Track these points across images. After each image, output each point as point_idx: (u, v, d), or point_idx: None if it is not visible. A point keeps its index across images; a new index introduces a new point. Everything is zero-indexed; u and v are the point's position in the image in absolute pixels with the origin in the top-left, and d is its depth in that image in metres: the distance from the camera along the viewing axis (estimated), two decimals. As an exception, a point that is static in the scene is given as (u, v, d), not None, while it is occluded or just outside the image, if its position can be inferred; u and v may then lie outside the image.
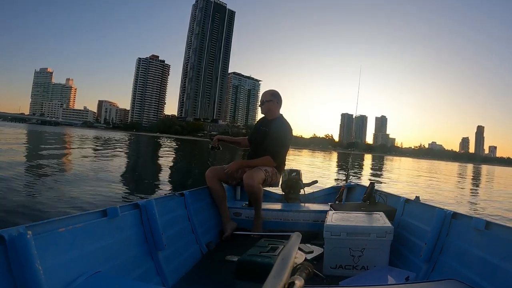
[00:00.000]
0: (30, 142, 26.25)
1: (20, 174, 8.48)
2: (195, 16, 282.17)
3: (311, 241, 3.01)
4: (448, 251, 2.20)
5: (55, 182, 7.96)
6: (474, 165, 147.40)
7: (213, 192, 3.42)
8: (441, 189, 15.41)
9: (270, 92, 3.73)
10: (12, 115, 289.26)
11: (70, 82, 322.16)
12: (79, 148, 22.18)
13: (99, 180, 8.92)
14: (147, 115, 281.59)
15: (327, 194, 4.71)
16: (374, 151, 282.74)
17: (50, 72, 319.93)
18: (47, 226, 1.47)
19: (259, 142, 3.66)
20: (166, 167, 15.98)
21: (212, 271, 2.55)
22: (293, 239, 0.90)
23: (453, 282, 1.61)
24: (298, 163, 25.04)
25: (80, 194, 6.57)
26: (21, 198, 5.68)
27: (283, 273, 0.67)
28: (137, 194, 7.52)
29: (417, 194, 3.07)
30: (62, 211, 5.14)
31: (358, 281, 2.27)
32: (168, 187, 9.31)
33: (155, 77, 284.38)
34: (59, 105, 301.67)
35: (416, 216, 2.75)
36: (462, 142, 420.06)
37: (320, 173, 18.17)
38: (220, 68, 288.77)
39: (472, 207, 10.16)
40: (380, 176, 18.72)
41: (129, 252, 1.96)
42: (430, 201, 8.17)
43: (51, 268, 1.37)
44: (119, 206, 1.96)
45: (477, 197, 13.73)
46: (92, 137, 44.01)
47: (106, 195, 6.76)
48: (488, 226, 1.94)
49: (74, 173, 9.76)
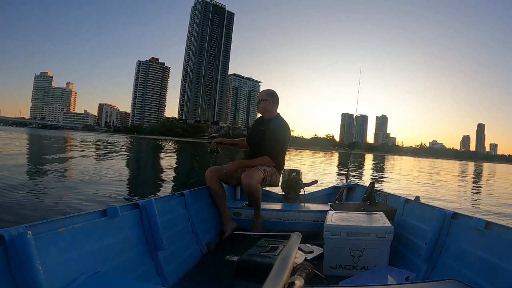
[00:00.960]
0: (32, 145, 26.54)
1: (23, 175, 8.57)
2: (194, 18, 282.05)
3: (311, 241, 3.00)
4: (448, 251, 2.20)
5: (57, 183, 8.01)
6: (475, 163, 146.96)
7: (213, 192, 3.42)
8: (447, 189, 15.28)
9: (266, 92, 3.73)
10: (13, 119, 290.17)
11: (70, 86, 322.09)
12: (81, 151, 22.21)
13: (100, 181, 8.94)
14: (148, 117, 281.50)
15: (327, 194, 4.71)
16: (375, 151, 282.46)
17: (50, 76, 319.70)
18: (47, 226, 1.47)
19: (257, 142, 3.66)
20: (170, 168, 16.10)
21: (212, 271, 2.55)
22: (293, 239, 0.91)
23: (453, 282, 1.61)
24: (301, 164, 24.98)
25: (82, 195, 6.59)
26: (22, 198, 5.69)
27: (283, 273, 0.67)
28: (142, 194, 7.57)
29: (422, 194, 3.06)
30: (66, 210, 5.17)
31: (358, 281, 2.27)
32: (170, 187, 9.34)
33: (155, 79, 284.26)
34: (60, 109, 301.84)
35: (416, 216, 2.75)
36: (463, 140, 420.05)
37: (322, 173, 18.23)
38: (220, 69, 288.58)
39: (477, 207, 10.06)
40: (381, 177, 18.60)
41: (129, 252, 1.96)
42: (432, 200, 8.18)
43: (51, 268, 1.38)
44: (119, 206, 1.96)
45: (482, 196, 13.59)
46: (93, 141, 44.06)
47: (108, 196, 6.76)
48: (488, 226, 1.94)
49: (76, 175, 9.84)
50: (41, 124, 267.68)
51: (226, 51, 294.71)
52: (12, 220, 4.31)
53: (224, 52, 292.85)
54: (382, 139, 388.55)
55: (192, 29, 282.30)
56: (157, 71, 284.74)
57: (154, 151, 32.48)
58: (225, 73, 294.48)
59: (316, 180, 4.52)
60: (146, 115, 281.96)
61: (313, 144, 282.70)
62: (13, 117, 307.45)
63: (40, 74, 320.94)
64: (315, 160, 36.01)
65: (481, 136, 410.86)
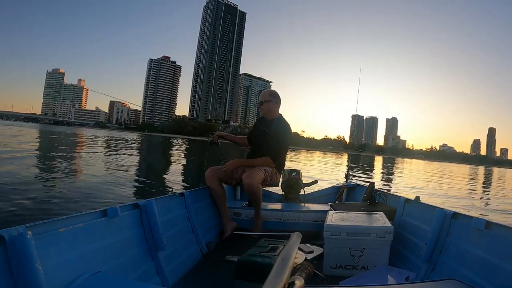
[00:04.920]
0: (49, 140, 27.17)
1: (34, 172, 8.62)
2: (206, 17, 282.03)
3: (311, 241, 3.00)
4: (448, 251, 2.20)
5: (69, 180, 8.09)
6: (485, 167, 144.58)
7: (213, 192, 3.42)
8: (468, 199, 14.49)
9: (268, 92, 3.72)
10: (24, 114, 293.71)
11: (82, 83, 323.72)
12: (97, 148, 22.60)
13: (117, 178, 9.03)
14: (159, 115, 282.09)
15: (327, 194, 4.72)
16: (385, 153, 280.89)
17: (62, 72, 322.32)
18: (47, 226, 1.47)
19: (258, 142, 3.66)
20: (185, 166, 16.25)
21: (212, 271, 2.55)
22: (293, 239, 0.90)
23: (453, 282, 1.61)
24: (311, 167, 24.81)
25: (92, 193, 6.59)
26: (29, 197, 5.64)
27: (283, 273, 0.67)
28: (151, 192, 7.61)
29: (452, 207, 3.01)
30: (75, 208, 5.16)
31: (358, 281, 2.27)
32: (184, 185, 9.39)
33: (166, 78, 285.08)
34: (71, 106, 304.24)
35: (416, 216, 2.75)
36: (474, 144, 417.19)
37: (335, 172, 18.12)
38: (231, 69, 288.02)
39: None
40: (392, 181, 18.28)
41: (129, 252, 1.97)
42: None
43: (51, 268, 1.38)
44: (119, 206, 1.96)
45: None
46: (106, 137, 44.58)
47: (120, 195, 6.77)
48: (488, 226, 1.94)
49: (90, 173, 9.87)
50: (52, 120, 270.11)
51: (237, 51, 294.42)
52: (12, 220, 4.30)
53: (235, 52, 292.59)
54: (392, 141, 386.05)
55: (204, 28, 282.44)
56: (168, 70, 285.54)
57: (166, 149, 32.74)
58: (236, 72, 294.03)
59: (316, 180, 4.52)
60: (157, 113, 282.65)
61: (324, 145, 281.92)
62: (25, 113, 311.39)
63: (52, 71, 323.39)
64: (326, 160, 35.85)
65: (492, 140, 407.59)
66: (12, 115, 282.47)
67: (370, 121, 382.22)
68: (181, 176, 12.37)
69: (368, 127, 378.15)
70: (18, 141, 20.09)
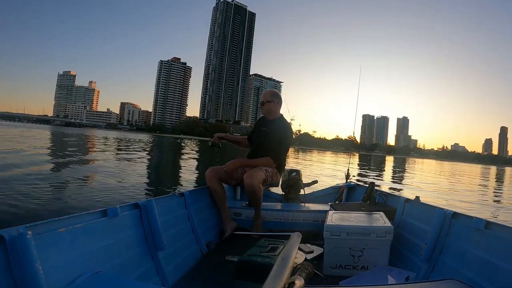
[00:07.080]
0: (65, 142, 27.48)
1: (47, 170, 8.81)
2: (215, 18, 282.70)
3: (311, 241, 3.01)
4: (448, 251, 2.20)
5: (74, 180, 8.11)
6: (497, 167, 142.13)
7: (213, 192, 3.42)
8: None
9: (270, 93, 3.72)
10: (36, 116, 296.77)
11: (93, 85, 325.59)
12: (110, 149, 22.92)
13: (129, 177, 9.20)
14: (170, 116, 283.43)
15: (327, 194, 4.71)
16: (396, 153, 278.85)
17: (73, 75, 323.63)
18: (47, 226, 1.48)
19: (259, 143, 3.66)
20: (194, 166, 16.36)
21: (212, 271, 2.55)
22: (293, 239, 0.91)
23: (453, 282, 1.61)
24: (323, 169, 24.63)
25: (95, 193, 6.61)
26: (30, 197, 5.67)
27: (283, 273, 0.67)
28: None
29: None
30: (80, 207, 5.23)
31: (358, 281, 2.27)
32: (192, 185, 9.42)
33: (177, 79, 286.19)
34: (83, 107, 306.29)
35: (416, 216, 2.74)
36: (485, 144, 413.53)
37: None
38: (241, 69, 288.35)
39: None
40: (407, 184, 17.66)
41: (129, 252, 1.97)
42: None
43: (51, 268, 1.38)
44: (119, 206, 1.97)
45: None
46: (119, 139, 45.13)
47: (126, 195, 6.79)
48: (488, 226, 1.94)
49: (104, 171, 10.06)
50: (64, 122, 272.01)
51: (247, 51, 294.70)
52: (12, 220, 4.30)
53: (245, 52, 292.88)
54: (403, 141, 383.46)
55: (213, 29, 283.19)
56: (179, 71, 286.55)
57: (178, 150, 32.96)
58: (246, 73, 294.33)
59: (316, 180, 4.52)
60: (167, 114, 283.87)
61: (335, 145, 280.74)
62: (37, 115, 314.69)
63: (63, 73, 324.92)
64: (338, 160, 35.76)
65: (504, 140, 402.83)
66: (24, 117, 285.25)
67: (381, 120, 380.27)
68: (194, 174, 12.44)
69: (379, 127, 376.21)
70: (30, 144, 20.21)
